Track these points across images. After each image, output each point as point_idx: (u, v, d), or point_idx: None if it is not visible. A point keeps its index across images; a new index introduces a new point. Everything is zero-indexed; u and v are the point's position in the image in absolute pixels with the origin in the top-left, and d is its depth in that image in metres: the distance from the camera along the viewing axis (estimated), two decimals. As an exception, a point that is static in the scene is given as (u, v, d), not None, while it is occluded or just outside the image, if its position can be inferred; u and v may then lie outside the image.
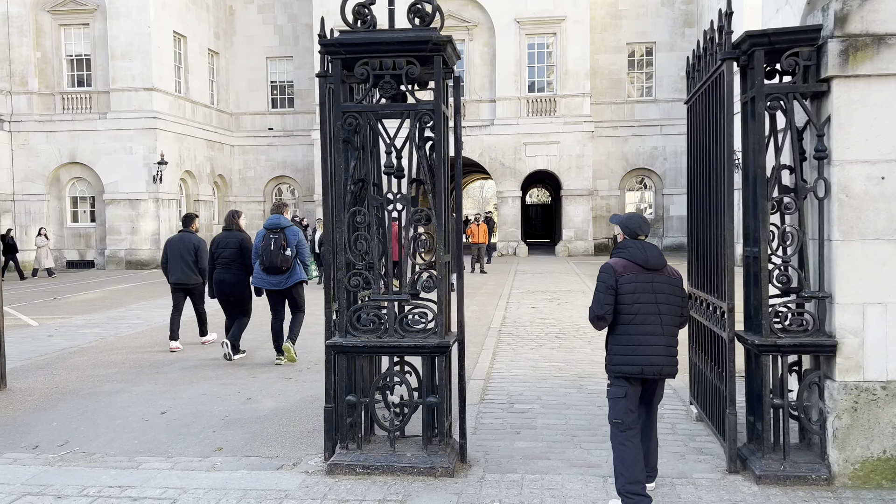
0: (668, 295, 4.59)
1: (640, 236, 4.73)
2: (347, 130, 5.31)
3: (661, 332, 4.56)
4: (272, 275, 9.04)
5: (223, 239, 9.59)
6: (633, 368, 4.54)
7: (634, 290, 4.53)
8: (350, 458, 5.27)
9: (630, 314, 4.54)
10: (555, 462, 5.47)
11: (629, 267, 4.58)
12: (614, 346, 4.64)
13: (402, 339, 5.26)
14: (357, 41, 5.17)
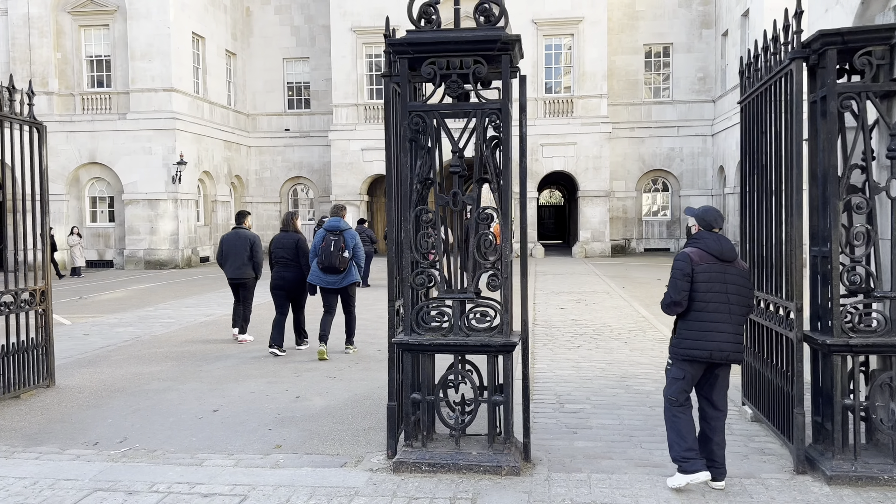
0: (738, 286, 4.87)
1: (714, 228, 5.01)
2: (414, 130, 5.32)
3: (729, 320, 4.82)
4: (329, 274, 9.44)
5: (280, 239, 9.96)
6: (702, 353, 4.82)
7: (708, 280, 4.82)
8: (415, 456, 5.29)
9: (703, 302, 4.82)
10: (618, 462, 5.47)
11: (704, 257, 4.86)
12: (684, 330, 4.90)
13: (468, 338, 5.28)
14: (425, 40, 5.19)
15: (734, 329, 4.85)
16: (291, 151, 34.75)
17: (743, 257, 6.69)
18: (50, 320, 7.87)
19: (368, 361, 9.27)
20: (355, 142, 31.27)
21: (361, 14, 31.00)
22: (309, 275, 9.67)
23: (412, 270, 5.37)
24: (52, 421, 6.72)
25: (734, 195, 29.00)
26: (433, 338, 5.30)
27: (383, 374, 8.38)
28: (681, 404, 4.98)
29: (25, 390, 7.52)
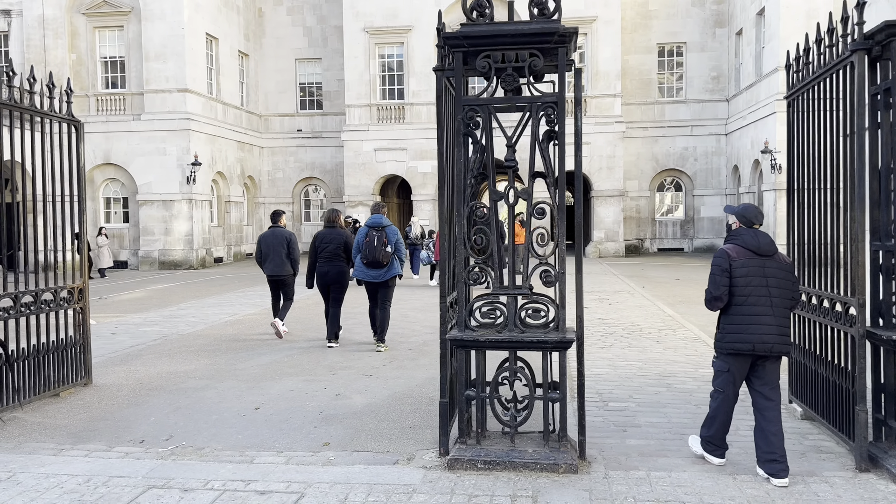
0: (779, 279, 4.99)
1: (754, 225, 5.15)
2: (468, 124, 5.27)
3: (771, 312, 4.94)
4: (373, 268, 9.82)
5: (326, 235, 10.30)
6: (745, 346, 4.96)
7: (746, 274, 4.96)
8: (470, 454, 5.23)
9: (742, 296, 4.96)
10: (674, 460, 5.40)
11: (742, 252, 5.01)
12: (727, 324, 5.06)
13: (523, 334, 5.22)
14: (481, 33, 5.13)
15: (777, 321, 4.95)
16: (304, 152, 34.75)
17: (790, 253, 6.63)
18: (87, 319, 7.84)
19: (402, 360, 9.22)
20: (368, 142, 31.26)
21: (374, 14, 30.99)
22: (354, 269, 10.05)
23: (466, 266, 5.32)
24: (95, 419, 6.68)
25: (749, 194, 28.90)
26: (488, 334, 5.24)
27: (418, 373, 8.39)
28: (727, 397, 5.15)
29: (65, 388, 7.49)
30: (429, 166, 31.11)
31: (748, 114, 28.51)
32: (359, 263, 9.89)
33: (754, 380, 5.11)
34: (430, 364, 8.94)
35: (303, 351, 9.91)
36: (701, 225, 32.67)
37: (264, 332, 11.58)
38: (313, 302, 15.21)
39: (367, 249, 9.69)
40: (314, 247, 10.31)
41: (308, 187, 35.38)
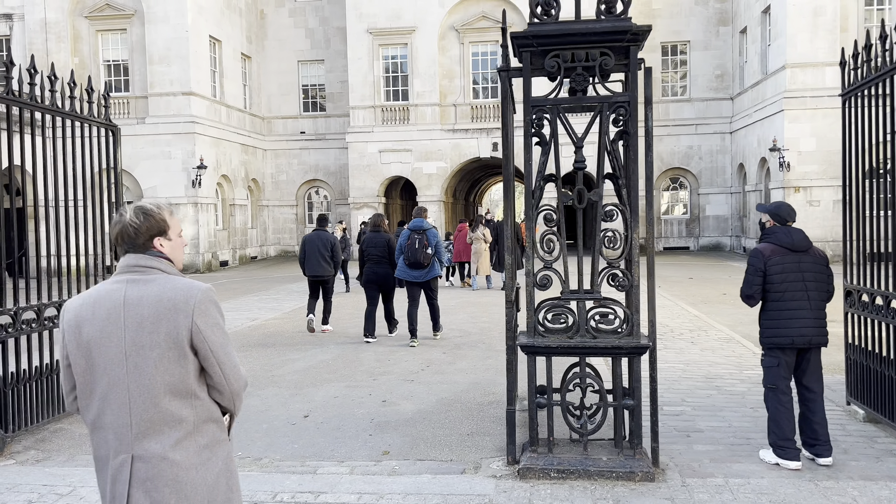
0: (815, 273, 5.18)
1: (788, 222, 5.35)
2: (537, 125, 5.17)
3: (808, 306, 5.14)
4: (415, 269, 10.36)
5: (371, 239, 10.85)
6: (784, 340, 5.15)
7: (782, 271, 5.14)
8: (543, 462, 5.12)
9: (779, 292, 5.14)
10: (748, 466, 5.30)
11: (777, 250, 5.20)
12: (766, 320, 5.26)
13: (595, 340, 5.11)
14: (551, 33, 5.03)
15: (815, 314, 5.16)
16: (307, 154, 34.60)
17: (845, 250, 6.57)
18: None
19: (439, 364, 9.10)
20: (373, 144, 31.13)
21: (378, 15, 30.87)
22: (396, 270, 10.55)
23: (535, 271, 5.21)
24: (142, 429, 6.54)
25: (756, 192, 28.87)
26: (559, 340, 5.13)
27: (459, 377, 8.28)
28: (782, 392, 5.24)
29: (105, 398, 7.34)
30: (434, 167, 31.03)
31: (754, 112, 28.47)
32: (401, 264, 10.43)
33: (798, 373, 5.32)
34: (468, 368, 8.82)
35: (336, 355, 9.78)
36: (706, 223, 32.62)
37: (291, 336, 11.45)
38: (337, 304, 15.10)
39: (409, 251, 10.25)
40: (361, 250, 11.06)
41: (312, 189, 35.21)
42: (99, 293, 2.55)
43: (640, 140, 5.13)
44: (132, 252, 2.60)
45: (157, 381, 2.48)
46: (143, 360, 2.47)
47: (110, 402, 2.50)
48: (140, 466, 2.47)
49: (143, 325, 2.47)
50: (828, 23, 25.15)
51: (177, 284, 2.55)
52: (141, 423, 2.48)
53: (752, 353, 9.38)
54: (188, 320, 2.48)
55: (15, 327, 6.09)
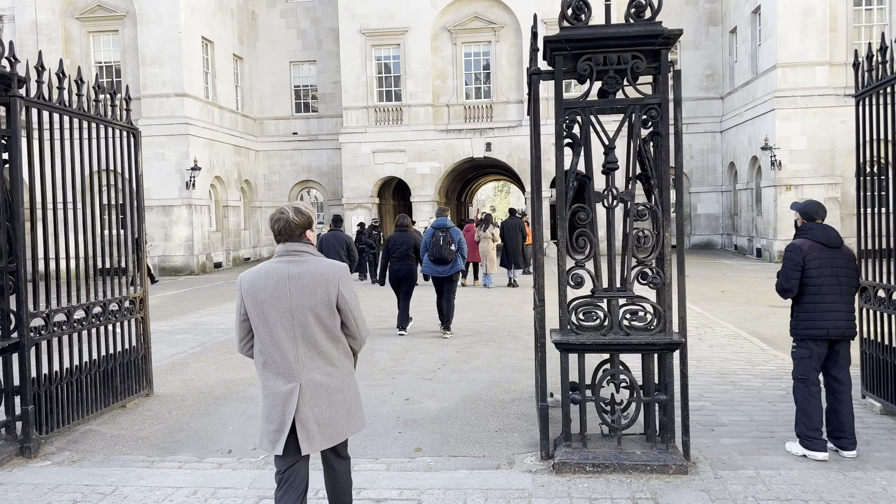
0: (847, 269, 5.47)
1: (817, 220, 5.60)
2: (570, 127, 5.28)
3: (841, 300, 5.40)
4: (439, 265, 11.14)
5: (398, 238, 11.50)
6: (820, 332, 5.38)
7: (819, 266, 5.40)
8: (578, 457, 5.23)
9: (816, 286, 5.39)
10: (777, 458, 5.44)
11: (814, 246, 5.44)
12: (801, 313, 5.47)
13: (629, 337, 5.23)
14: (584, 36, 5.14)
15: (847, 308, 5.42)
16: (300, 155, 34.57)
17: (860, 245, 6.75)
18: (148, 328, 7.74)
19: (455, 363, 9.20)
20: (366, 144, 31.16)
21: (370, 16, 30.91)
22: (422, 266, 11.31)
23: (568, 270, 5.32)
24: (172, 430, 6.60)
25: (747, 190, 29.16)
26: (594, 337, 5.24)
27: (477, 375, 8.38)
28: (812, 383, 5.44)
29: (130, 399, 7.40)
30: (427, 167, 31.11)
31: (745, 111, 28.76)
32: (426, 261, 11.19)
33: (829, 364, 5.52)
34: (484, 366, 8.93)
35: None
36: (698, 222, 32.89)
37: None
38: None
39: (433, 248, 11.03)
40: (387, 248, 11.54)
41: (304, 190, 35.19)
42: (268, 269, 3.62)
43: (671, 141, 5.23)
44: (289, 241, 3.65)
45: (315, 331, 3.59)
46: (304, 316, 3.56)
47: (280, 346, 3.56)
48: (306, 390, 3.56)
49: (304, 292, 3.56)
50: (817, 23, 25.45)
51: (325, 263, 3.65)
52: (304, 361, 3.58)
53: (760, 350, 9.55)
54: (335, 288, 3.61)
55: (48, 329, 6.14)
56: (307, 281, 3.57)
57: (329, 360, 3.63)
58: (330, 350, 3.63)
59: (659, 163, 5.24)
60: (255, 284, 3.60)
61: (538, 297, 5.62)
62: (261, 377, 3.67)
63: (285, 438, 3.56)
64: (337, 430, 3.68)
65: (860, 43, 26.09)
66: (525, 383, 7.99)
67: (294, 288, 3.56)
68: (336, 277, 3.62)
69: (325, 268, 3.62)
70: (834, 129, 25.61)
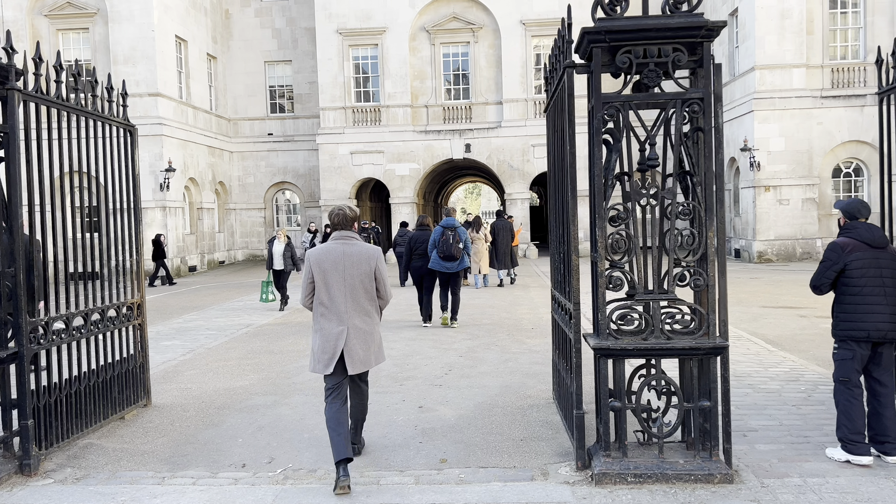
0: (892, 269, 5.27)
1: (860, 218, 5.44)
2: (608, 122, 5.06)
3: (885, 301, 5.22)
4: (447, 261, 11.97)
5: (419, 236, 12.71)
6: (861, 333, 5.23)
7: (862, 266, 5.24)
8: (619, 467, 5.01)
9: (858, 286, 5.24)
10: (819, 464, 5.27)
11: (857, 245, 5.29)
12: (842, 313, 5.33)
13: (670, 341, 5.02)
14: (624, 28, 4.92)
15: (891, 310, 5.21)
16: (275, 156, 34.04)
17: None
18: (146, 335, 7.37)
19: (460, 368, 8.95)
20: (344, 145, 30.78)
21: (347, 16, 30.55)
22: (430, 262, 12.11)
23: (604, 272, 5.09)
24: (178, 443, 6.24)
25: (726, 191, 29.32)
26: (635, 342, 5.03)
27: (487, 381, 8.15)
28: (854, 385, 5.30)
29: (128, 410, 7.02)
30: (406, 169, 30.82)
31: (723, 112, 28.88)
32: (435, 257, 12.00)
33: (871, 367, 5.36)
34: (492, 371, 8.69)
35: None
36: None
37: (293, 341, 11.16)
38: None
39: (442, 246, 11.85)
40: (409, 247, 12.65)
41: (280, 192, 34.66)
42: (330, 247, 5.24)
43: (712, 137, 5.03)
44: (343, 229, 5.32)
45: (359, 291, 5.21)
46: (353, 280, 5.19)
47: (335, 300, 5.17)
48: (351, 331, 5.17)
49: (353, 264, 5.20)
50: (794, 25, 25.66)
51: (367, 245, 5.33)
52: (350, 311, 5.18)
53: (767, 352, 9.45)
54: (374, 262, 5.26)
55: (46, 338, 5.75)
56: (356, 258, 5.23)
57: (367, 313, 5.29)
58: (367, 306, 5.29)
59: (700, 160, 5.04)
60: (320, 258, 5.24)
61: (574, 301, 5.37)
62: (316, 322, 5.27)
63: (335, 363, 5.16)
64: (368, 360, 5.31)
65: (836, 45, 26.41)
66: (538, 389, 7.76)
67: (347, 262, 5.20)
68: (375, 256, 5.30)
69: (368, 249, 5.31)
70: (811, 130, 25.86)
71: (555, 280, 6.72)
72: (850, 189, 26.42)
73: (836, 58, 26.36)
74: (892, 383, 5.35)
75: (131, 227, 7.32)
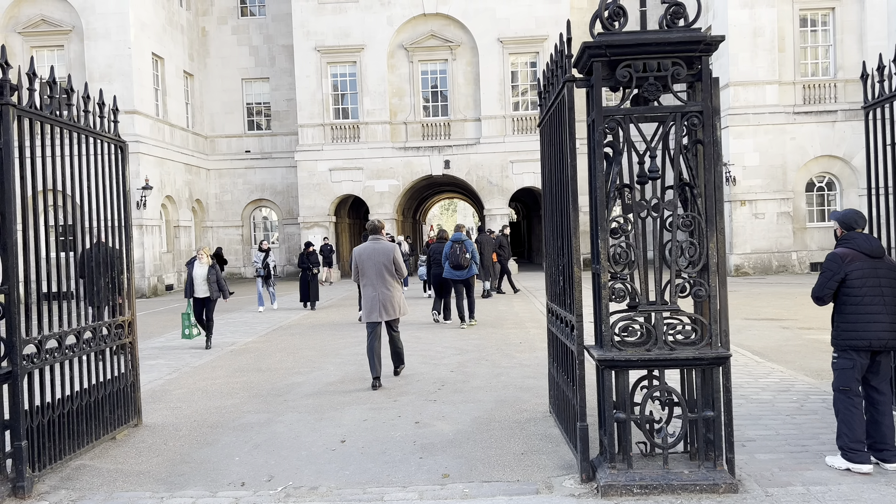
0: (890, 279, 5.33)
1: (856, 229, 5.51)
2: (609, 135, 5.11)
3: (884, 311, 5.27)
4: (457, 270, 14.25)
5: (438, 248, 15.40)
6: (862, 343, 5.28)
7: (862, 276, 5.30)
8: (625, 479, 5.01)
9: (858, 296, 5.29)
10: (820, 472, 5.31)
11: (856, 255, 5.35)
12: (843, 323, 5.36)
13: (674, 352, 5.05)
14: (625, 42, 4.98)
15: (890, 318, 5.28)
16: (253, 173, 33.88)
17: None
18: (136, 354, 7.26)
19: (453, 383, 8.91)
20: (323, 162, 30.73)
21: (326, 33, 30.61)
22: (444, 272, 14.43)
23: (607, 283, 5.12)
24: (174, 462, 6.14)
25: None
26: (638, 353, 5.05)
27: (481, 395, 8.13)
28: (854, 394, 5.33)
29: (119, 430, 6.89)
30: (386, 185, 30.82)
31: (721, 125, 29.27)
32: (447, 267, 14.26)
33: (869, 375, 5.41)
34: (484, 385, 8.67)
35: (341, 377, 9.47)
36: (652, 238, 33.29)
37: (280, 359, 11.07)
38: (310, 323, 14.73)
39: (452, 257, 14.19)
40: (429, 257, 15.86)
41: (257, 209, 34.46)
42: (366, 245, 8.91)
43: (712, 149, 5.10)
44: (375, 235, 8.98)
45: (383, 270, 8.78)
46: (379, 264, 8.78)
47: (370, 277, 8.78)
48: (381, 296, 8.77)
49: (378, 254, 8.81)
50: (766, 43, 26.16)
51: (387, 243, 8.94)
52: (379, 284, 8.76)
53: (755, 363, 9.54)
54: (391, 253, 8.82)
55: (40, 357, 5.65)
56: (380, 250, 8.80)
57: (389, 284, 8.80)
58: (389, 279, 8.79)
59: (699, 172, 5.10)
60: (361, 251, 8.84)
61: (576, 314, 5.39)
62: (361, 291, 9.15)
63: (375, 314, 8.71)
64: (393, 312, 8.82)
65: (807, 63, 26.94)
66: (534, 402, 7.76)
67: (375, 253, 8.78)
68: (393, 250, 8.84)
69: (388, 245, 8.88)
70: (784, 145, 26.31)
71: (552, 292, 6.74)
72: (823, 203, 26.89)
73: (807, 74, 26.89)
74: (890, 391, 5.45)
75: (122, 244, 7.21)
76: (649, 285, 5.32)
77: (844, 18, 26.38)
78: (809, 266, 26.40)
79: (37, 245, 5.88)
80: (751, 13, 26.06)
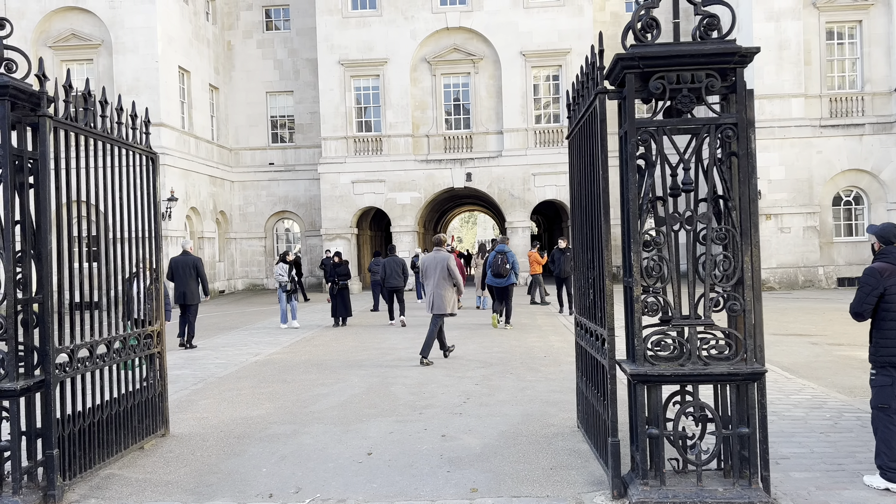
0: None
1: (895, 243, 5.41)
2: (642, 147, 5.07)
3: None
4: (498, 278, 16.18)
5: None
6: None
7: None
8: (658, 496, 4.93)
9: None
10: (859, 492, 5.21)
11: (894, 270, 5.27)
12: (881, 339, 5.28)
13: (708, 367, 4.98)
14: (659, 54, 4.94)
15: None
16: (276, 186, 34.12)
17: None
18: (164, 364, 7.29)
19: (478, 396, 8.86)
20: (345, 175, 30.87)
21: (349, 47, 30.83)
22: (486, 279, 16.79)
23: (639, 297, 5.06)
24: (201, 472, 6.14)
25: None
26: (672, 367, 4.98)
27: (507, 409, 8.08)
28: (893, 412, 5.23)
29: (147, 440, 6.92)
30: (408, 198, 30.88)
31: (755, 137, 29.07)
32: (489, 275, 16.36)
33: None
34: (510, 399, 8.62)
35: (366, 388, 9.46)
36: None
37: (305, 370, 11.08)
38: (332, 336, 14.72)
39: (494, 266, 16.20)
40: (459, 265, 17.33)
41: (280, 221, 34.68)
42: (430, 255, 11.70)
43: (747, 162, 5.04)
44: (437, 246, 11.73)
45: (440, 275, 11.44)
46: (438, 270, 11.46)
47: (431, 280, 11.50)
48: (437, 293, 11.44)
49: (440, 262, 11.49)
50: (792, 56, 25.99)
51: (444, 253, 11.58)
52: (438, 285, 11.44)
53: (785, 379, 9.40)
54: (445, 262, 11.47)
55: (72, 366, 5.69)
56: (439, 259, 11.47)
57: (444, 287, 11.37)
58: (444, 283, 11.38)
59: (734, 184, 5.04)
60: (426, 260, 11.70)
61: (608, 327, 5.34)
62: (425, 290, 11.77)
63: (436, 307, 11.35)
64: (443, 309, 11.37)
65: (833, 76, 26.71)
66: (561, 417, 7.69)
67: (437, 261, 11.48)
68: (446, 259, 11.44)
69: (446, 254, 11.48)
70: (811, 159, 26.06)
71: (581, 306, 6.68)
72: (850, 217, 26.57)
73: (833, 88, 26.66)
74: None
75: (153, 254, 7.26)
76: (682, 299, 5.26)
77: (872, 31, 26.15)
78: (836, 281, 26.08)
79: (70, 255, 5.92)
80: (776, 26, 25.91)
